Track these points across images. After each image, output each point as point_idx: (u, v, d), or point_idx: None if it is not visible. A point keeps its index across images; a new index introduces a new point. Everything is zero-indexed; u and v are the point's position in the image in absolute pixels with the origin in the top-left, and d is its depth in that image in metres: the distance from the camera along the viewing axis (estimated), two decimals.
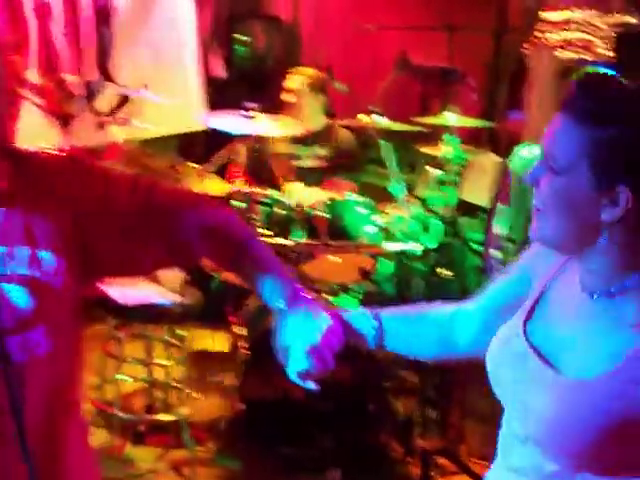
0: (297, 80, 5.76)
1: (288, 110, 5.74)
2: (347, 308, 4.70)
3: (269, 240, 4.74)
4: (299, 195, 5.12)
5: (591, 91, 1.72)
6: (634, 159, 1.67)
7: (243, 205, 4.94)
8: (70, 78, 5.90)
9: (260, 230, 4.83)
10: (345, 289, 4.99)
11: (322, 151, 5.62)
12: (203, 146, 6.68)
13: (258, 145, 5.74)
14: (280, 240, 4.79)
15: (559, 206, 1.75)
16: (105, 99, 6.19)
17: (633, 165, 1.67)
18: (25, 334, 1.88)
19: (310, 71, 5.88)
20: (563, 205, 1.74)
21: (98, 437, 4.66)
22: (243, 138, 5.57)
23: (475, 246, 5.34)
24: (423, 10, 7.16)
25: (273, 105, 5.81)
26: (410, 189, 5.32)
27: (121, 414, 4.55)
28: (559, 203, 1.75)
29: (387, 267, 5.12)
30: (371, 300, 5.18)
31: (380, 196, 5.42)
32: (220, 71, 7.37)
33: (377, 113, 5.24)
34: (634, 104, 1.71)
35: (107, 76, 6.20)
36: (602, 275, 1.78)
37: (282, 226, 4.97)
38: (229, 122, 5.18)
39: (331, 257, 4.90)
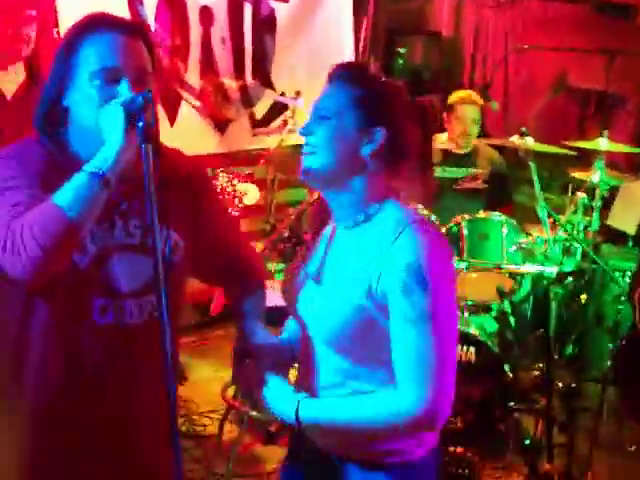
0: (471, 108, 5.67)
1: (446, 128, 5.74)
2: (484, 327, 4.72)
3: None
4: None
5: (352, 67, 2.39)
6: (383, 109, 2.24)
7: None
8: (229, 83, 6.05)
9: None
10: (483, 307, 4.97)
11: (475, 171, 5.59)
12: None
13: None
14: None
15: (330, 144, 2.23)
16: (262, 105, 6.34)
17: (384, 113, 2.24)
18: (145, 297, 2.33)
19: (478, 97, 5.78)
20: (333, 143, 2.22)
21: (229, 433, 4.78)
22: None
23: (617, 274, 5.23)
24: (582, 32, 7.05)
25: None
26: (557, 212, 5.24)
27: (253, 413, 4.63)
28: (330, 142, 2.23)
29: (525, 288, 5.07)
30: (507, 320, 5.16)
31: (528, 217, 5.37)
32: None
33: (529, 134, 5.19)
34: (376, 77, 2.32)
35: (265, 82, 6.33)
36: (352, 207, 2.27)
37: None
38: None
39: (471, 274, 4.88)
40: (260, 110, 6.31)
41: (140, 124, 2.10)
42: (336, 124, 2.23)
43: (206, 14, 5.89)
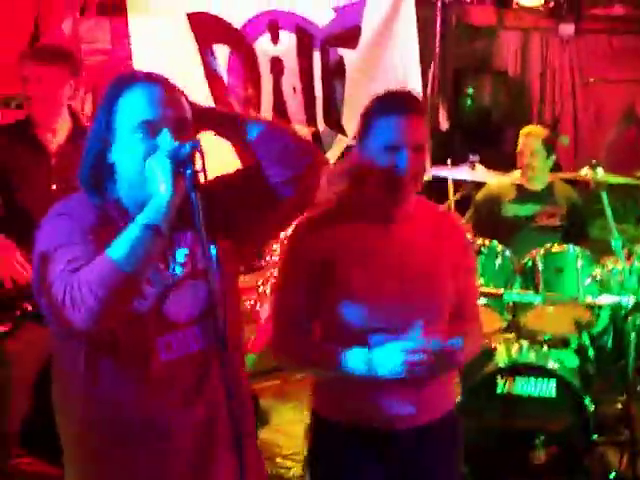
0: (530, 139, 5.65)
1: (519, 166, 5.75)
2: (563, 360, 4.72)
3: (486, 289, 4.81)
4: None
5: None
6: None
7: None
8: (301, 130, 6.16)
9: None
10: (562, 341, 4.97)
11: (552, 208, 5.60)
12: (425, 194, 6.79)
13: (486, 200, 5.79)
14: (499, 290, 4.84)
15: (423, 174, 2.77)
16: (334, 150, 6.44)
17: None
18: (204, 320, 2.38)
19: (542, 130, 5.76)
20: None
21: None
22: (468, 190, 5.64)
23: None
24: None
25: (499, 158, 5.86)
26: (632, 242, 5.22)
27: None
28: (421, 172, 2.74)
29: (603, 320, 5.06)
30: (587, 353, 5.14)
31: (603, 249, 5.36)
32: (444, 123, 7.53)
33: (600, 166, 5.20)
34: None
35: (336, 128, 6.44)
36: None
37: (501, 276, 5.00)
38: (452, 172, 5.31)
39: (548, 308, 4.90)
40: (332, 155, 6.42)
41: (188, 172, 2.15)
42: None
43: (277, 64, 6.06)
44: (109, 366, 2.34)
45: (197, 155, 2.18)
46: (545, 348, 4.89)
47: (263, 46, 5.99)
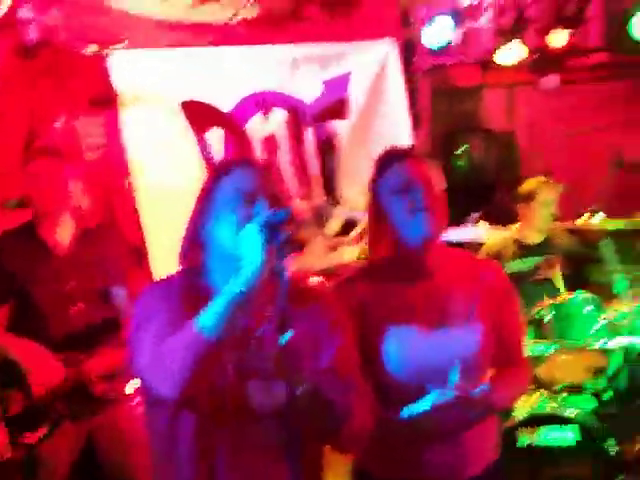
0: (534, 187, 5.77)
1: (518, 219, 5.82)
2: (581, 406, 4.74)
3: None
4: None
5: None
6: None
7: None
8: (299, 205, 6.24)
9: None
10: (578, 387, 4.99)
11: (549, 259, 5.64)
12: None
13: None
14: None
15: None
16: (334, 222, 6.49)
17: None
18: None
19: (539, 182, 5.84)
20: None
21: None
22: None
23: None
24: (633, 105, 7.18)
25: (496, 214, 5.91)
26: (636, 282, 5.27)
27: None
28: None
29: (616, 361, 5.09)
30: (605, 395, 5.15)
31: (609, 293, 5.40)
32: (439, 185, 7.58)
33: (598, 211, 5.26)
34: None
35: (334, 200, 6.51)
36: None
37: None
38: (455, 233, 5.37)
39: (561, 357, 4.93)
40: (334, 227, 6.46)
41: (279, 239, 2.17)
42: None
43: (270, 142, 6.15)
44: (190, 430, 2.36)
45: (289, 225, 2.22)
46: (562, 396, 4.91)
47: (255, 126, 6.10)
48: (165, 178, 5.51)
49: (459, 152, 8.01)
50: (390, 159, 2.87)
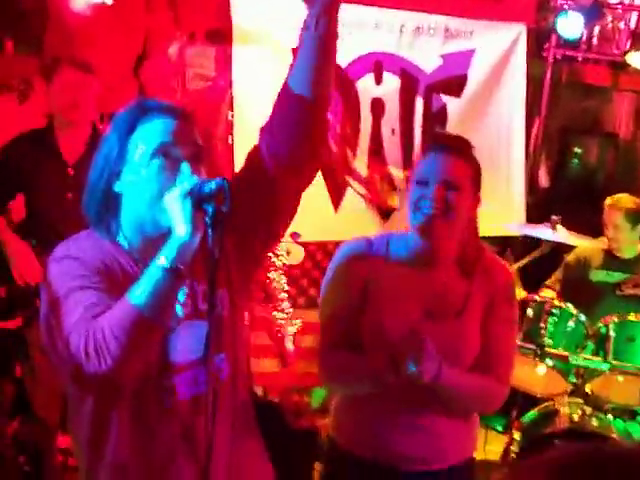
0: (612, 212, 5.54)
1: (607, 235, 5.63)
2: (629, 432, 4.60)
3: (552, 350, 4.74)
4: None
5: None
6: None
7: (531, 313, 4.95)
8: (396, 173, 6.19)
9: (546, 340, 4.81)
10: (628, 412, 4.86)
11: (636, 278, 5.48)
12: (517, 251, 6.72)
13: (576, 263, 5.72)
14: (565, 353, 4.76)
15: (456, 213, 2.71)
16: None
17: None
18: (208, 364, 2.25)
19: (628, 199, 5.59)
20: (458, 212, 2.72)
21: None
22: (545, 250, 5.56)
23: None
24: None
25: (594, 222, 5.76)
26: None
27: None
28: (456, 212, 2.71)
29: None
30: None
31: None
32: (544, 180, 7.45)
33: None
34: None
35: None
36: None
37: (572, 340, 4.92)
38: (540, 231, 5.27)
39: (616, 377, 4.80)
40: None
41: (210, 211, 2.06)
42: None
43: (378, 105, 6.09)
44: (115, 413, 2.27)
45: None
46: (610, 417, 4.78)
47: (366, 86, 6.04)
48: (264, 121, 5.50)
49: (576, 151, 7.82)
50: (432, 146, 2.83)
